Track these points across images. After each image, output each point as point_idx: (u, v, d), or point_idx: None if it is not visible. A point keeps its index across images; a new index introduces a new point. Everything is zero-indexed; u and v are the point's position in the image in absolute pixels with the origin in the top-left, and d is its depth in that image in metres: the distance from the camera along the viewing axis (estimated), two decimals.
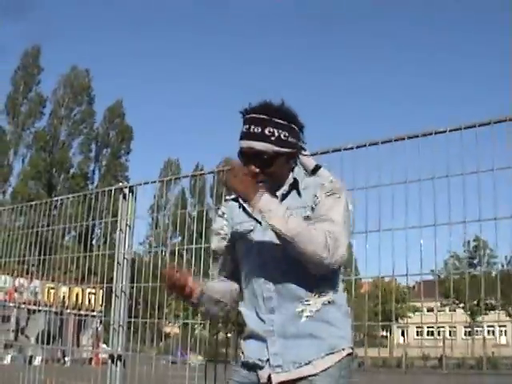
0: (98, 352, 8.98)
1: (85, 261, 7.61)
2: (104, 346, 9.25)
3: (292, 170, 2.84)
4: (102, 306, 8.21)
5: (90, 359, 8.49)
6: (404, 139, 3.91)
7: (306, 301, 2.67)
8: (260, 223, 2.73)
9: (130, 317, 5.85)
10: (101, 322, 7.98)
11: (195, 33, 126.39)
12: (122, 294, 5.05)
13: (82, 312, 8.54)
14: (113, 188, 5.54)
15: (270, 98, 2.78)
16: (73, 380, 6.47)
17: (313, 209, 2.70)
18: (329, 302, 2.70)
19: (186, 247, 6.53)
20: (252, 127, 2.71)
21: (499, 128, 3.57)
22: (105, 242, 7.58)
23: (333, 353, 2.64)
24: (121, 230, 5.24)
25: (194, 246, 5.86)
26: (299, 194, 2.77)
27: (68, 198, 6.75)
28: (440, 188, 3.79)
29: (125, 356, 4.93)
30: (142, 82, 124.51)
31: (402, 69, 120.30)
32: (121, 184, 5.44)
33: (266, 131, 2.69)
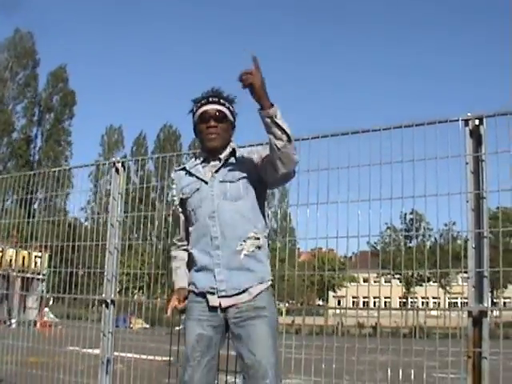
0: (43, 314, 9.02)
1: (27, 226, 7.64)
2: (46, 309, 9.25)
3: (229, 142, 3.88)
4: (46, 269, 8.27)
5: (36, 322, 8.51)
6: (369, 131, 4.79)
7: (244, 241, 3.64)
8: (205, 182, 3.78)
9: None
10: (52, 287, 8.03)
11: None
12: (115, 250, 5.85)
13: (29, 275, 8.52)
14: (107, 162, 6.38)
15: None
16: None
17: (251, 167, 3.74)
18: (258, 247, 3.70)
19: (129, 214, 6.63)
20: (210, 99, 3.83)
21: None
22: (45, 208, 7.60)
23: (262, 282, 3.66)
24: (113, 197, 6.01)
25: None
26: (236, 159, 3.81)
27: (70, 169, 7.34)
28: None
29: (117, 301, 5.92)
30: (86, 46, 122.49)
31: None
32: (114, 159, 6.23)
33: (221, 101, 3.84)
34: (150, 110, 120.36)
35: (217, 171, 3.80)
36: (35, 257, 8.54)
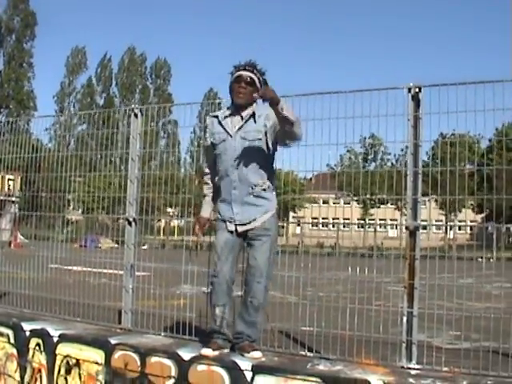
0: (17, 235, 9.19)
1: None
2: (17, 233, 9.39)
3: (253, 104, 5.13)
4: (19, 191, 8.38)
5: (10, 242, 8.67)
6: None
7: (255, 186, 5.10)
8: (230, 136, 5.12)
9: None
10: (19, 208, 8.15)
11: None
12: (135, 179, 6.74)
13: (1, 197, 8.64)
14: (127, 108, 7.03)
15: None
16: None
17: (266, 131, 5.09)
18: (264, 190, 5.14)
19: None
20: (246, 67, 5.15)
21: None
22: (11, 131, 7.71)
23: (266, 213, 5.13)
24: (133, 137, 6.77)
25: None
26: (255, 121, 5.12)
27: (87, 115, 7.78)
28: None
29: (137, 219, 6.76)
30: None
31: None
32: (133, 106, 6.94)
33: (254, 71, 5.17)
34: (114, 32, 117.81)
35: (240, 128, 5.12)
36: (8, 179, 8.64)
